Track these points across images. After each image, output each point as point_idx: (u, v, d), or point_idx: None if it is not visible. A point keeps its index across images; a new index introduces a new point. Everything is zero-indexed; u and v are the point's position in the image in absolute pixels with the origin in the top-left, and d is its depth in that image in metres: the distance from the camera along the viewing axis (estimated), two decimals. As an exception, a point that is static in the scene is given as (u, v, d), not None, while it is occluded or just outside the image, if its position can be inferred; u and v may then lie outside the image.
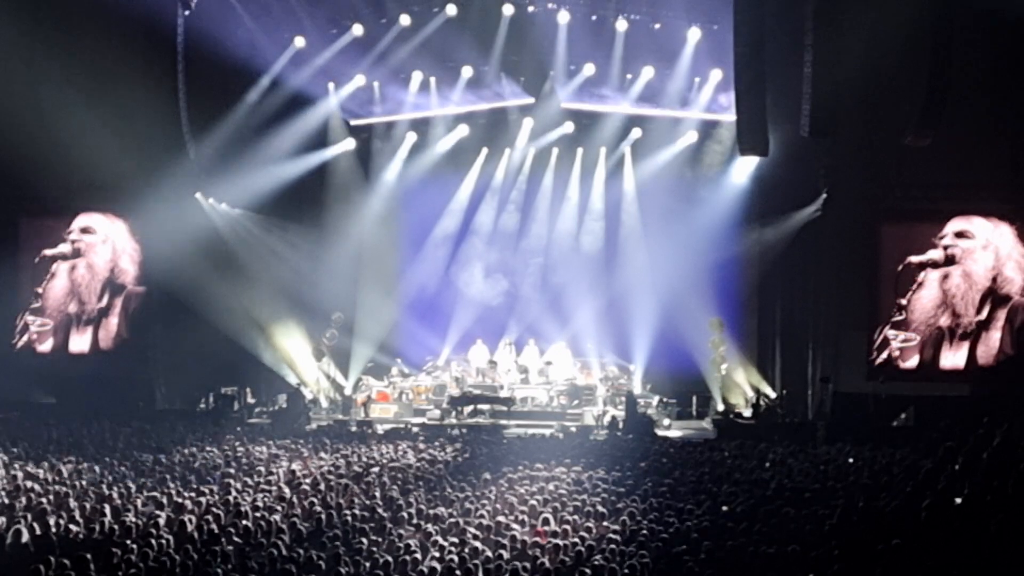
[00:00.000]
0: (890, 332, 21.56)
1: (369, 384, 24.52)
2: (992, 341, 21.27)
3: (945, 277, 21.54)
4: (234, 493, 12.46)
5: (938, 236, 21.62)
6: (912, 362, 21.59)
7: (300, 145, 25.28)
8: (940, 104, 19.28)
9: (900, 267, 21.60)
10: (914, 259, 21.52)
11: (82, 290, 24.02)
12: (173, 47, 20.61)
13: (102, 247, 23.94)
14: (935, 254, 21.58)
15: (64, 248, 24.08)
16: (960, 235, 21.55)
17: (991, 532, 8.75)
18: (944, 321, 21.45)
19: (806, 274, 23.03)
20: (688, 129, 24.87)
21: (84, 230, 24.08)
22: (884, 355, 21.68)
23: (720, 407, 23.50)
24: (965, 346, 21.29)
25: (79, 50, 21.72)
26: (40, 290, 24.05)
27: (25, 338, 24.08)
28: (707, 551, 9.57)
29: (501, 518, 11.11)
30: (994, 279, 21.44)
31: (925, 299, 21.57)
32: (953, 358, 21.38)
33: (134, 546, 9.73)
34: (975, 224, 21.56)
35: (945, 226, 21.60)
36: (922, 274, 21.60)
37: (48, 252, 24.05)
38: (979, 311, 21.33)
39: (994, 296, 21.38)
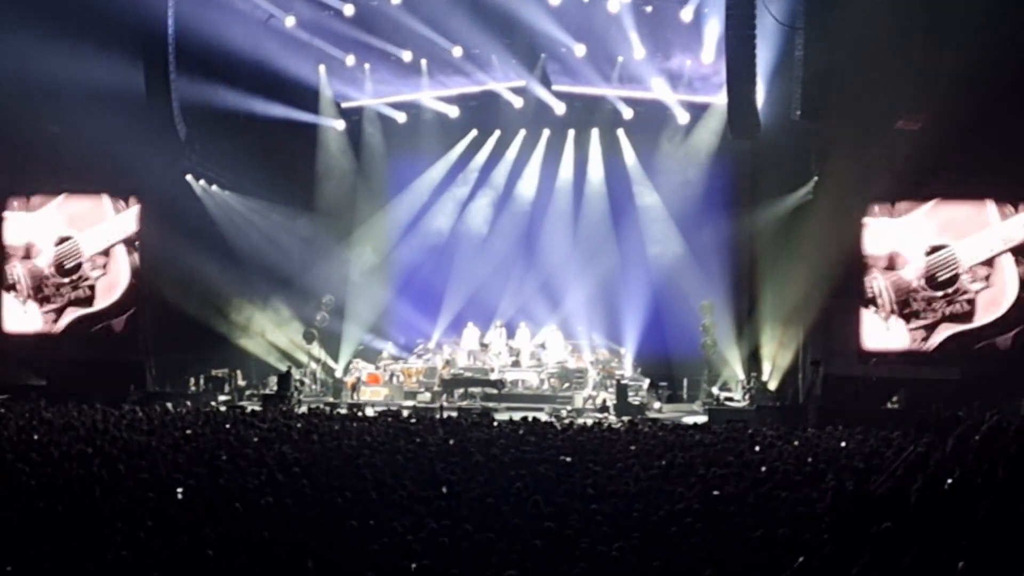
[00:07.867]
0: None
1: (359, 367, 24.53)
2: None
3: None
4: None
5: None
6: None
7: (290, 127, 25.25)
8: (932, 87, 19.25)
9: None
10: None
11: (71, 271, 23.93)
12: (163, 27, 20.49)
13: (91, 229, 23.81)
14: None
15: (55, 230, 23.97)
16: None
17: (981, 515, 8.76)
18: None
19: (797, 257, 23.03)
20: (679, 111, 24.84)
21: (73, 212, 23.98)
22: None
23: (711, 390, 23.54)
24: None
25: (67, 32, 21.57)
26: (25, 272, 24.01)
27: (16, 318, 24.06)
28: (698, 534, 9.57)
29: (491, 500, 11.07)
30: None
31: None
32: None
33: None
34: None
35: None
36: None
37: (40, 236, 24.02)
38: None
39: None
